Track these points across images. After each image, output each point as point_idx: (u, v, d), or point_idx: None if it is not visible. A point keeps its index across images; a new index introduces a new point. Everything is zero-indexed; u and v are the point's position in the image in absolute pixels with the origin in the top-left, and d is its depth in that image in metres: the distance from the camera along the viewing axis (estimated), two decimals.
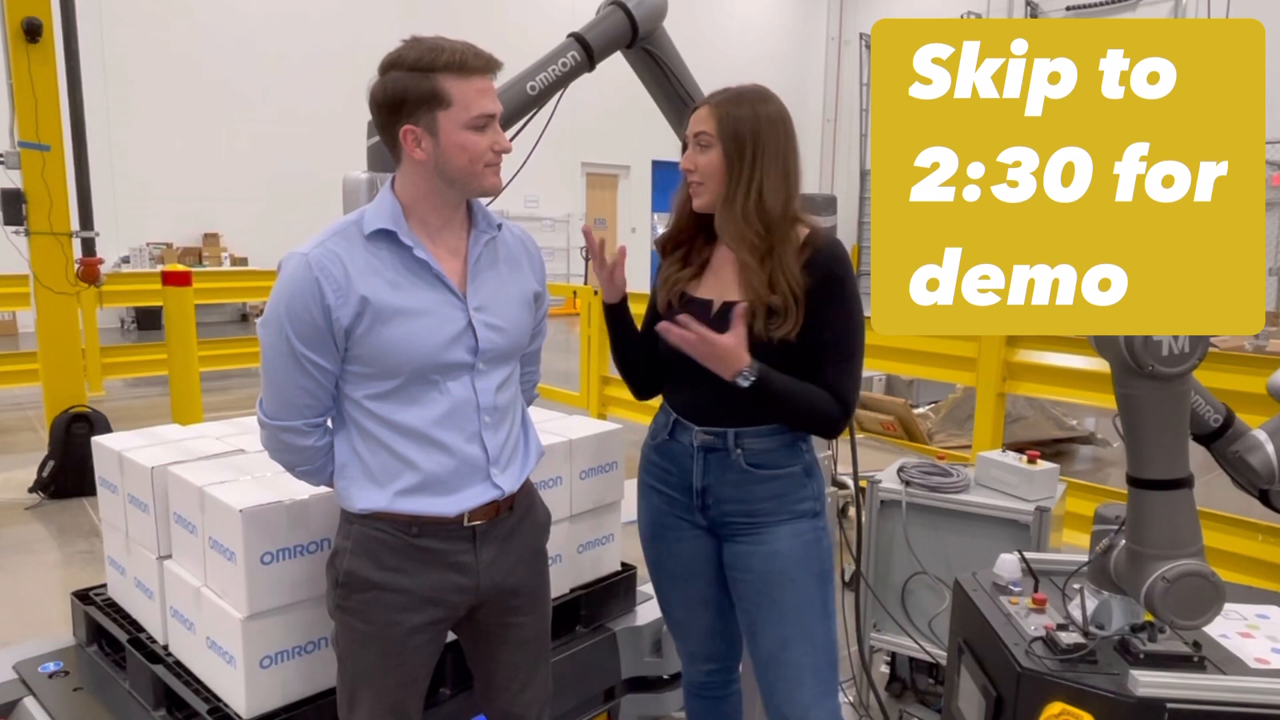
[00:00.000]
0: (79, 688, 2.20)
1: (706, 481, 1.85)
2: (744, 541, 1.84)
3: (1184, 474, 1.39)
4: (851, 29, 19.95)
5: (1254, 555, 3.46)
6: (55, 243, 4.98)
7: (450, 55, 1.48)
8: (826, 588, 1.86)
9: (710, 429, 1.83)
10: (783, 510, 1.82)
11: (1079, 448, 6.54)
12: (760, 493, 1.82)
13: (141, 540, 2.18)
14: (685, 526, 1.91)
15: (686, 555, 1.93)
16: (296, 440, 1.59)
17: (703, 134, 1.79)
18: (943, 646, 2.46)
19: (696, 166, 1.80)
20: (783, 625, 1.81)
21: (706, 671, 2.05)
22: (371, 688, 1.63)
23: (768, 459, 1.82)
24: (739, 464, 1.82)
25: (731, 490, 1.83)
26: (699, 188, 1.81)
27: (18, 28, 4.76)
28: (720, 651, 2.03)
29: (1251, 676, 1.36)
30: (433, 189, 1.56)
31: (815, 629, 1.83)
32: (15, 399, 7.40)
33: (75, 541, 4.43)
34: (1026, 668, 1.40)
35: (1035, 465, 2.49)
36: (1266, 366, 3.37)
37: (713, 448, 1.83)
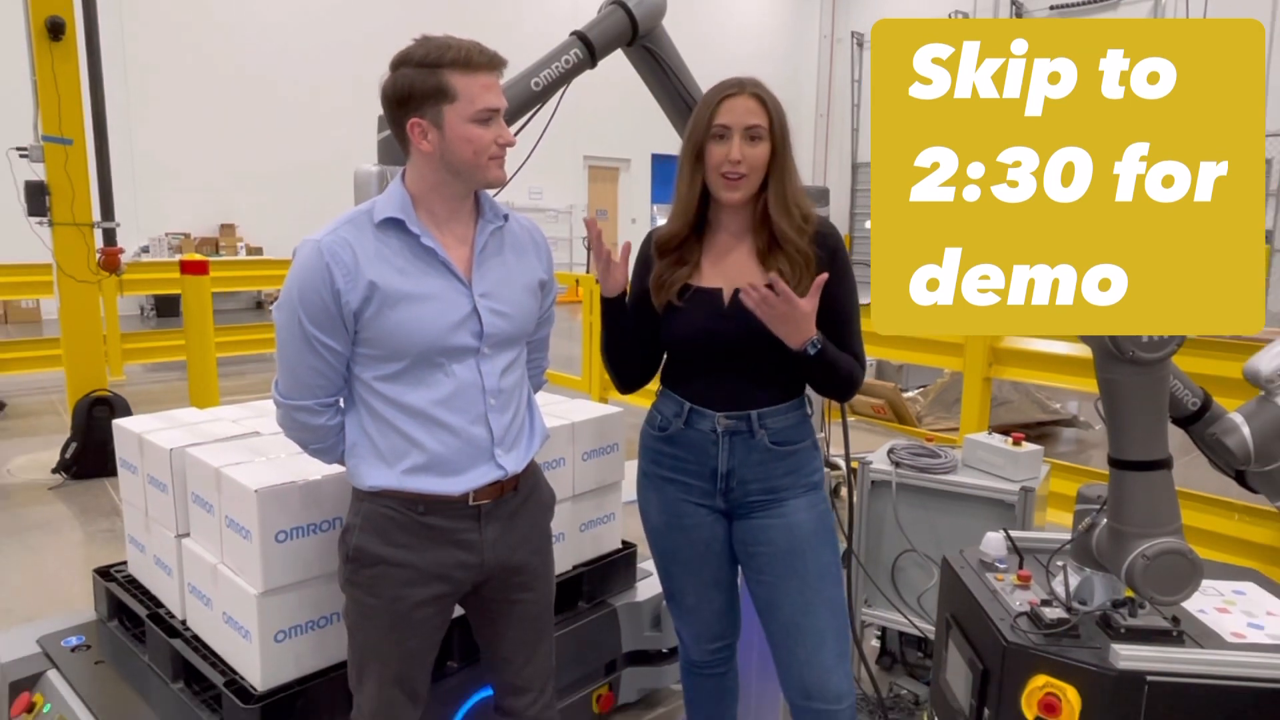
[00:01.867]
0: (100, 661, 2.26)
1: (731, 465, 1.86)
2: (761, 516, 1.87)
3: (1163, 455, 1.40)
4: (844, 27, 20.58)
5: (1231, 534, 3.50)
6: (77, 233, 5.06)
7: (456, 52, 1.53)
8: (837, 556, 1.91)
9: (733, 413, 1.84)
10: (798, 483, 1.87)
11: (1062, 430, 6.59)
12: (780, 469, 1.86)
13: (160, 519, 2.23)
14: (702, 512, 1.92)
15: (703, 541, 1.94)
16: (309, 419, 1.64)
17: (757, 126, 1.76)
18: (931, 621, 2.50)
19: (746, 158, 1.76)
20: (804, 593, 1.85)
21: (712, 650, 2.07)
22: (379, 660, 1.68)
23: (787, 435, 1.86)
24: (763, 443, 1.84)
25: (755, 469, 1.86)
26: (741, 181, 1.78)
27: (41, 26, 4.83)
28: (726, 629, 2.06)
29: (1228, 650, 1.38)
30: (440, 180, 1.61)
31: (834, 595, 1.88)
32: (39, 383, 7.50)
33: (97, 520, 4.51)
34: (1012, 642, 1.42)
35: (1020, 447, 2.52)
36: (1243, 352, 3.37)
37: (737, 431, 1.85)
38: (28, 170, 5.05)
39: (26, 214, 4.99)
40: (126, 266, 6.01)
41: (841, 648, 1.87)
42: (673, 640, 2.72)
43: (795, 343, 1.72)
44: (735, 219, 1.87)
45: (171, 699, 2.08)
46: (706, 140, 1.79)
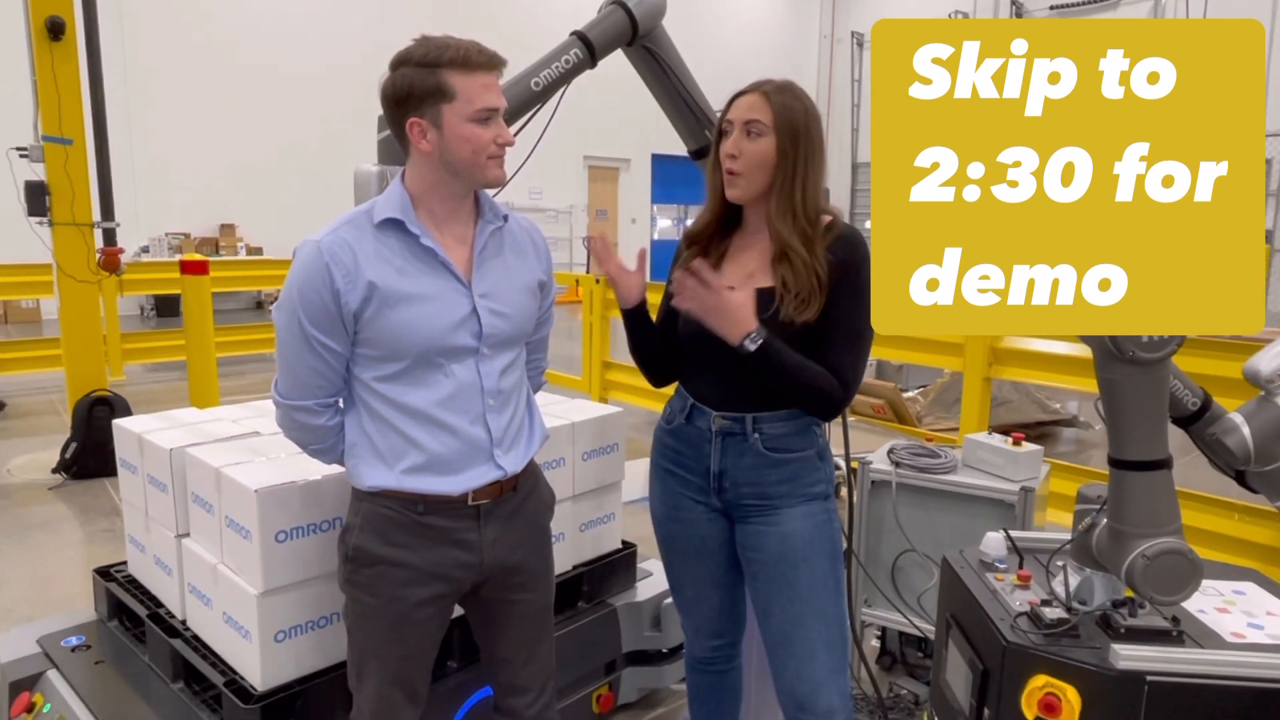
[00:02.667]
0: (100, 661, 2.26)
1: (724, 465, 1.85)
2: (757, 522, 1.85)
3: (1163, 455, 1.40)
4: (843, 27, 20.67)
5: (1231, 534, 3.50)
6: (77, 233, 5.06)
7: (455, 52, 1.53)
8: (837, 568, 1.87)
9: (728, 414, 1.84)
10: (795, 493, 1.84)
11: (1062, 430, 6.61)
12: (775, 476, 1.83)
13: (160, 519, 2.23)
14: (699, 509, 1.92)
15: (699, 537, 1.94)
16: (308, 419, 1.64)
17: (755, 122, 1.74)
18: (931, 621, 2.51)
19: (742, 153, 1.75)
20: (795, 604, 1.82)
21: (713, 647, 2.07)
22: (379, 660, 1.68)
23: (784, 443, 1.83)
24: (756, 448, 1.82)
25: (747, 473, 1.84)
26: (737, 178, 1.77)
27: (41, 26, 4.83)
28: (726, 628, 2.05)
29: (1228, 650, 1.38)
30: (439, 180, 1.61)
31: (827, 607, 1.84)
32: (39, 383, 7.51)
33: (97, 520, 4.51)
34: (1012, 642, 1.42)
35: (1020, 447, 2.52)
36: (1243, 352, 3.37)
37: (730, 432, 1.84)
38: (28, 170, 5.05)
39: (26, 214, 4.99)
40: (126, 266, 6.02)
41: (835, 661, 1.84)
42: (673, 640, 2.72)
43: (731, 337, 1.69)
44: (754, 217, 1.86)
45: (171, 699, 2.08)
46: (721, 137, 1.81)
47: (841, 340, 1.77)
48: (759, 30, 19.86)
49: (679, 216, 19.52)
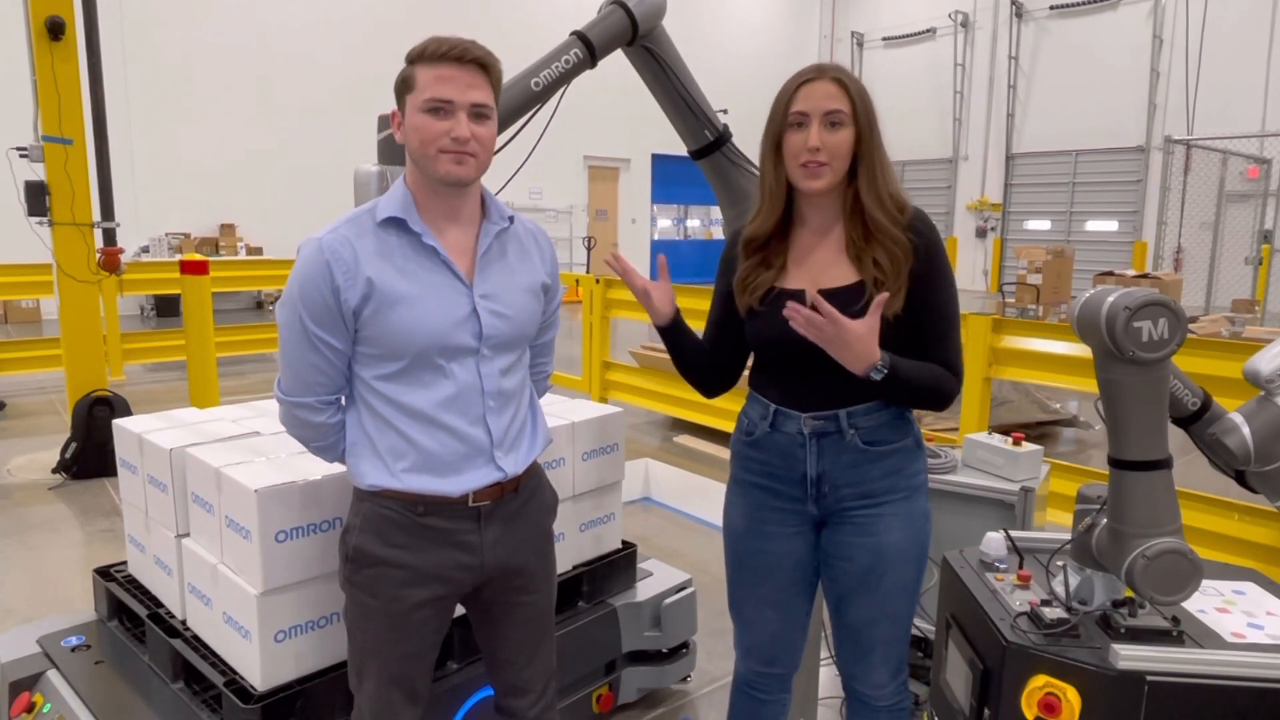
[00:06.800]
0: (100, 661, 2.26)
1: (821, 468, 1.76)
2: (851, 531, 1.78)
3: (1163, 455, 1.41)
4: (843, 27, 20.85)
5: (1231, 534, 3.51)
6: (77, 233, 5.07)
7: (427, 46, 1.55)
8: (921, 569, 1.81)
9: (820, 414, 1.75)
10: (898, 488, 1.76)
11: (1062, 430, 6.62)
12: (875, 471, 1.75)
13: (160, 519, 2.23)
14: (790, 520, 1.83)
15: (775, 553, 1.85)
16: (310, 417, 1.64)
17: (837, 112, 1.66)
18: (932, 621, 2.50)
19: (825, 145, 1.66)
20: (870, 609, 1.78)
21: (759, 673, 1.97)
22: (379, 660, 1.68)
23: (881, 435, 1.75)
24: (854, 444, 1.74)
25: (847, 473, 1.75)
26: (822, 169, 1.68)
27: (41, 26, 4.84)
28: (779, 656, 1.94)
29: (1228, 650, 1.38)
30: (418, 175, 1.62)
31: (900, 610, 1.80)
32: (39, 383, 7.53)
33: (96, 520, 4.50)
34: (1012, 642, 1.42)
35: (1020, 447, 2.52)
36: (1243, 352, 3.39)
37: (824, 432, 1.75)
38: (28, 170, 5.06)
39: (26, 214, 4.99)
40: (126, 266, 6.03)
41: (898, 660, 1.83)
42: (673, 640, 2.73)
43: (856, 368, 1.62)
44: (819, 213, 1.76)
45: (171, 699, 2.08)
46: (784, 130, 1.70)
47: (944, 330, 1.73)
48: (759, 30, 19.89)
49: (679, 216, 19.53)
